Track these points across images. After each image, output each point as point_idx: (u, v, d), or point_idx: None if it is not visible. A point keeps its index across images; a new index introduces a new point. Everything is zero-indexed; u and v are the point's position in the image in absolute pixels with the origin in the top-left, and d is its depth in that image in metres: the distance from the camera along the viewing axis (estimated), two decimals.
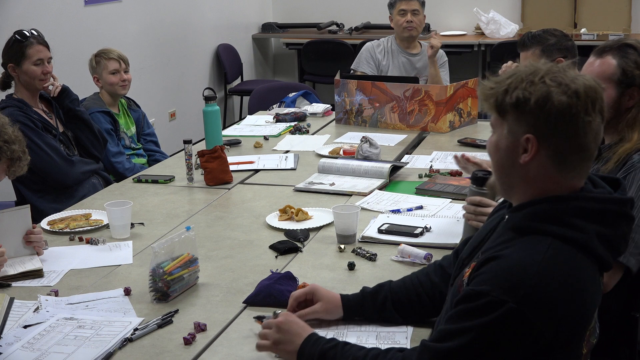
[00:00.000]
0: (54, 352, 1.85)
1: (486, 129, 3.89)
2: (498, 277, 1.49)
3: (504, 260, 1.51)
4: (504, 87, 1.55)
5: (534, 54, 3.29)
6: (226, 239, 2.57)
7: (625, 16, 7.13)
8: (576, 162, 1.55)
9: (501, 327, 1.46)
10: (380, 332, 1.88)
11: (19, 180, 3.45)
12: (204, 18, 7.05)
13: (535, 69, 1.55)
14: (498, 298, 1.46)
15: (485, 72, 1.56)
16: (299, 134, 3.98)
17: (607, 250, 1.55)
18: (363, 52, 4.76)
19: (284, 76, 8.25)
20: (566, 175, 1.56)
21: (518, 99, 1.53)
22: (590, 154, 1.56)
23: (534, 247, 1.51)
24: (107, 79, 4.00)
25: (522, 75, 1.55)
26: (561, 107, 1.50)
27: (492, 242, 1.62)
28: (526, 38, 3.35)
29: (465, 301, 1.51)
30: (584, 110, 1.51)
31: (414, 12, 4.63)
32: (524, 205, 1.58)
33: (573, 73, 1.55)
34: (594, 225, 1.53)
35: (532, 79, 1.53)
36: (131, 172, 3.77)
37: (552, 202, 1.55)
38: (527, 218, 1.56)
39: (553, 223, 1.53)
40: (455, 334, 1.49)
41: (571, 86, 1.51)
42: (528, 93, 1.52)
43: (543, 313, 1.45)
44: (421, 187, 2.95)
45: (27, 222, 2.44)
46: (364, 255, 2.35)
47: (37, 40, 3.42)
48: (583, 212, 1.53)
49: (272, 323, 1.75)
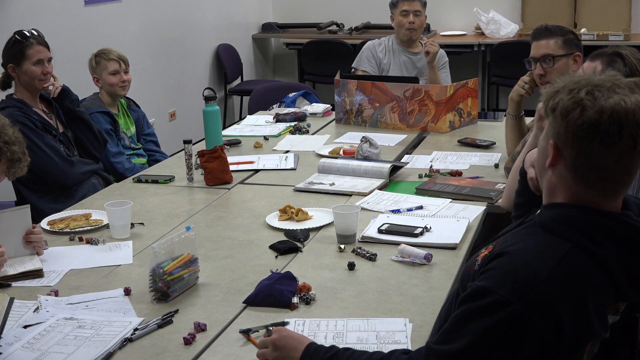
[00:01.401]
0: (54, 352, 1.85)
1: (486, 129, 3.90)
2: (507, 276, 1.47)
3: (515, 258, 1.50)
4: (555, 89, 1.55)
5: (556, 44, 3.27)
6: (226, 239, 2.57)
7: (625, 16, 7.13)
8: (595, 181, 1.52)
9: (505, 329, 1.44)
10: (379, 332, 1.88)
11: (19, 180, 3.44)
12: (204, 18, 7.05)
13: (589, 79, 1.52)
14: (504, 298, 1.44)
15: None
16: (299, 134, 3.98)
17: (627, 280, 1.52)
18: (364, 51, 4.76)
19: (284, 76, 8.25)
20: (585, 191, 1.53)
21: (554, 105, 1.53)
22: (612, 176, 1.51)
23: (550, 250, 1.50)
24: (107, 79, 3.99)
25: (573, 82, 1.53)
26: (580, 121, 1.48)
27: (515, 233, 1.62)
28: (546, 28, 3.30)
29: (471, 299, 1.49)
30: (605, 130, 1.46)
31: (415, 13, 4.63)
32: (556, 205, 1.57)
33: (625, 91, 1.49)
34: (617, 248, 1.51)
35: (574, 87, 1.51)
36: (131, 172, 3.77)
37: (583, 211, 1.53)
38: (555, 218, 1.55)
39: (577, 231, 1.51)
40: (460, 335, 1.48)
41: (600, 103, 1.47)
42: (560, 100, 1.51)
43: (548, 319, 1.44)
44: (421, 187, 2.95)
45: (27, 222, 2.44)
46: (364, 255, 2.35)
47: (37, 41, 3.41)
48: (610, 232, 1.52)
49: (268, 342, 1.72)
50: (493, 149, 3.53)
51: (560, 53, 3.25)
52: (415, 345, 1.79)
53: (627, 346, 2.12)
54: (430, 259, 2.28)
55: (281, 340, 1.71)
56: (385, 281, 2.18)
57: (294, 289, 2.09)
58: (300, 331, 1.89)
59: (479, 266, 1.57)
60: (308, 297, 2.06)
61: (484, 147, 3.56)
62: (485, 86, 7.35)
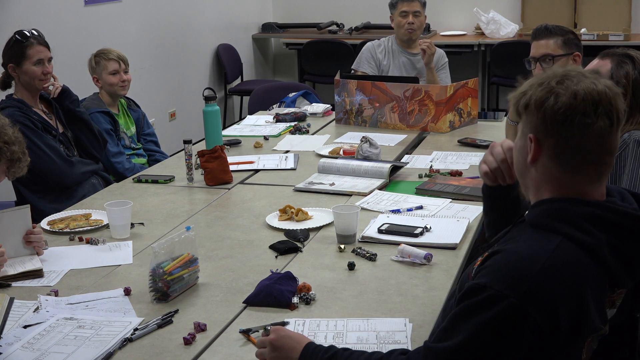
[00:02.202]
0: (54, 352, 1.85)
1: (486, 129, 3.89)
2: (501, 271, 1.49)
3: (508, 254, 1.52)
4: (522, 90, 1.59)
5: (556, 43, 3.28)
6: (226, 239, 2.57)
7: (625, 16, 7.13)
8: (579, 165, 1.55)
9: (502, 323, 1.45)
10: (379, 332, 1.88)
11: (19, 180, 3.44)
12: (204, 18, 7.05)
13: (554, 72, 1.57)
14: (500, 292, 1.45)
15: (487, 72, 1.56)
16: (299, 134, 3.98)
17: (621, 265, 1.53)
18: (364, 52, 4.75)
19: (284, 76, 8.25)
20: (572, 178, 1.56)
21: (526, 101, 1.57)
22: (593, 157, 1.55)
23: (541, 243, 1.51)
24: (107, 79, 3.99)
25: (539, 79, 1.57)
26: (556, 107, 1.52)
27: (509, 236, 1.63)
28: (545, 28, 3.32)
29: (467, 297, 1.50)
30: (581, 111, 1.51)
31: (415, 14, 4.62)
32: (542, 202, 1.59)
33: (590, 76, 1.55)
34: (606, 235, 1.52)
35: (543, 81, 1.56)
36: (131, 172, 3.77)
37: (569, 203, 1.55)
38: (542, 214, 1.57)
39: (566, 223, 1.53)
40: (457, 332, 1.48)
41: (572, 88, 1.52)
42: (532, 95, 1.55)
43: (544, 311, 1.44)
44: (421, 187, 2.95)
45: (27, 222, 2.44)
46: (364, 255, 2.35)
47: (37, 41, 3.41)
48: (596, 219, 1.53)
49: (266, 341, 1.72)
50: None
51: (559, 53, 3.26)
52: (415, 345, 1.79)
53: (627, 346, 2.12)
54: (430, 259, 2.28)
55: (279, 341, 1.70)
56: (385, 281, 2.18)
57: (294, 289, 2.09)
58: (300, 331, 1.89)
59: (476, 272, 1.58)
60: (308, 297, 2.06)
61: (484, 147, 3.55)
62: (485, 86, 7.35)
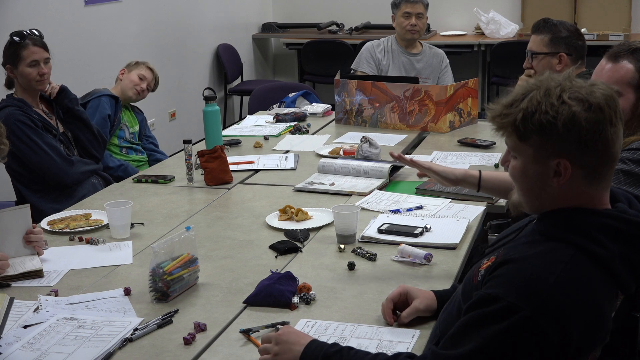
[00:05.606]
0: (54, 352, 1.85)
1: (486, 129, 3.89)
2: (514, 282, 1.47)
3: (522, 265, 1.50)
4: (521, 112, 1.52)
5: (542, 41, 3.30)
6: (226, 239, 2.57)
7: (625, 16, 7.13)
8: (607, 172, 1.56)
9: (513, 335, 1.44)
10: (382, 342, 1.85)
11: (19, 180, 3.45)
12: (204, 18, 7.04)
13: (547, 88, 1.52)
14: (513, 304, 1.44)
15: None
16: (299, 134, 3.97)
17: (630, 273, 1.53)
18: (363, 52, 4.76)
19: (284, 76, 8.24)
20: (597, 187, 1.56)
21: (542, 124, 1.50)
22: (614, 162, 1.56)
23: (555, 255, 1.50)
24: (134, 78, 4.07)
25: (537, 97, 1.51)
26: (589, 126, 1.49)
27: (517, 241, 1.62)
28: (542, 22, 3.36)
29: (478, 306, 1.49)
30: (609, 122, 1.51)
31: (418, 16, 4.62)
32: (555, 211, 1.57)
33: (583, 83, 1.53)
34: (618, 245, 1.52)
35: (550, 100, 1.50)
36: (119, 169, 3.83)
37: (582, 214, 1.55)
38: (554, 225, 1.55)
39: (579, 234, 1.52)
40: (467, 341, 1.47)
41: (592, 101, 1.50)
42: (552, 117, 1.49)
43: (556, 324, 1.44)
44: (421, 187, 2.95)
45: (27, 221, 2.44)
46: (364, 255, 2.35)
47: (32, 42, 3.37)
48: (610, 231, 1.53)
49: (272, 336, 1.74)
50: (493, 149, 3.53)
51: (542, 51, 3.28)
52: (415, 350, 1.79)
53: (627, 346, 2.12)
54: (430, 259, 2.28)
55: (284, 335, 1.72)
56: (385, 281, 2.18)
57: (294, 289, 2.09)
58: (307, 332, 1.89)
59: (483, 276, 1.57)
60: (308, 297, 2.06)
61: (484, 147, 3.56)
62: (485, 86, 7.35)
